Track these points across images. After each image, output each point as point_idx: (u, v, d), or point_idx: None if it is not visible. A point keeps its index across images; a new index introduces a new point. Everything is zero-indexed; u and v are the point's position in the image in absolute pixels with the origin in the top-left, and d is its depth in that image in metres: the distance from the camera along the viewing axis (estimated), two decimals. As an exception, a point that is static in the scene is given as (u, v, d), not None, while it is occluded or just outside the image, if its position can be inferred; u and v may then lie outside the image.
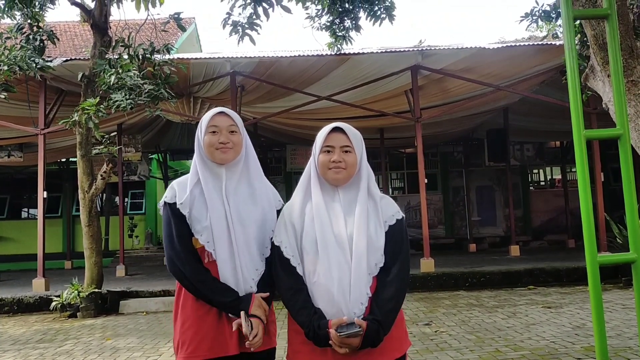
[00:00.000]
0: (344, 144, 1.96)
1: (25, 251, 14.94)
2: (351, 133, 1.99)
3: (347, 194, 1.96)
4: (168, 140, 15.26)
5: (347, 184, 1.97)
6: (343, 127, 1.99)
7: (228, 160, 2.05)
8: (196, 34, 21.07)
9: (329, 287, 1.85)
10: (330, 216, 1.92)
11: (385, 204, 2.00)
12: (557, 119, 11.94)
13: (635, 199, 1.67)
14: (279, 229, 2.00)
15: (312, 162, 2.01)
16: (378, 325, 1.81)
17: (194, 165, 2.09)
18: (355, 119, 11.87)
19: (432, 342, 5.36)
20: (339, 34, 7.34)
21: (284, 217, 2.01)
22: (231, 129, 2.05)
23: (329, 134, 1.98)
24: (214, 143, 2.02)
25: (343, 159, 1.94)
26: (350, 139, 1.97)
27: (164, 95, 7.20)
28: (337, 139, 1.97)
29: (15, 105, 9.59)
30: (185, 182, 2.08)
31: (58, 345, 6.02)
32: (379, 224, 1.93)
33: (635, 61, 3.06)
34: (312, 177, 2.00)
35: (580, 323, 5.93)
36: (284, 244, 1.95)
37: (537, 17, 6.46)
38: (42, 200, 9.10)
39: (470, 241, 15.22)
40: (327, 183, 1.97)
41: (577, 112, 1.65)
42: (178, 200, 2.02)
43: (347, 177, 1.95)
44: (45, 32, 7.88)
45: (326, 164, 1.94)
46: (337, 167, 1.93)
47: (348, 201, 1.95)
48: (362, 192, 1.95)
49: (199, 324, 1.96)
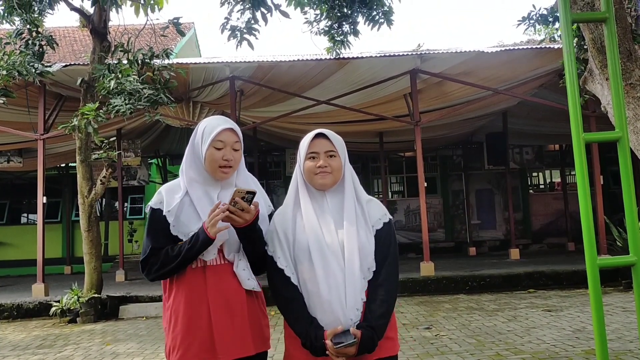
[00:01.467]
0: (328, 149, 1.98)
1: (24, 256, 14.91)
2: (334, 138, 2.01)
3: (334, 198, 1.99)
4: (167, 144, 15.26)
5: (334, 188, 1.99)
6: (326, 133, 2.01)
7: (227, 178, 2.05)
8: (195, 39, 21.12)
9: (325, 295, 1.86)
10: (320, 224, 1.93)
11: (372, 207, 2.01)
12: (556, 122, 11.97)
13: (634, 201, 1.67)
14: (271, 239, 2.01)
15: (298, 170, 2.03)
16: (372, 332, 1.83)
17: (183, 171, 2.07)
18: (354, 123, 11.90)
19: (432, 346, 5.34)
20: (337, 39, 7.35)
21: (274, 226, 2.01)
22: (235, 147, 2.04)
23: (312, 141, 2.00)
24: (218, 159, 2.00)
25: (328, 163, 1.96)
26: (334, 143, 1.99)
27: (164, 100, 7.21)
28: (321, 144, 1.99)
29: (15, 111, 9.59)
30: (174, 189, 2.06)
31: (58, 351, 6.00)
32: (368, 229, 1.95)
33: (634, 64, 3.07)
34: (299, 185, 2.02)
35: (580, 326, 5.92)
36: (277, 254, 1.96)
37: (534, 21, 6.47)
38: (41, 206, 9.09)
39: (470, 245, 15.20)
40: (315, 189, 1.99)
41: (576, 115, 1.65)
42: (165, 208, 2.01)
43: (333, 181, 1.97)
44: (45, 37, 7.88)
45: (312, 170, 1.96)
46: (323, 172, 1.95)
47: (336, 206, 1.97)
48: (349, 196, 1.98)
49: (188, 329, 1.95)
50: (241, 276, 2.02)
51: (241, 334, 1.97)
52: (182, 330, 1.96)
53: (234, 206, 1.89)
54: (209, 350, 1.94)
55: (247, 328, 1.99)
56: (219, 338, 1.94)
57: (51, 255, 13.52)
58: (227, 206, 1.89)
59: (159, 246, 1.99)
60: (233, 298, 1.98)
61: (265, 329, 2.08)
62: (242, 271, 2.02)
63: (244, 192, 1.90)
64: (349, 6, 6.81)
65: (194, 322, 1.95)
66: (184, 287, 1.99)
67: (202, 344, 1.94)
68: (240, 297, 2.00)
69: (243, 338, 1.97)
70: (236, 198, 1.89)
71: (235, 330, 1.96)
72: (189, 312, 1.96)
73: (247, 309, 2.01)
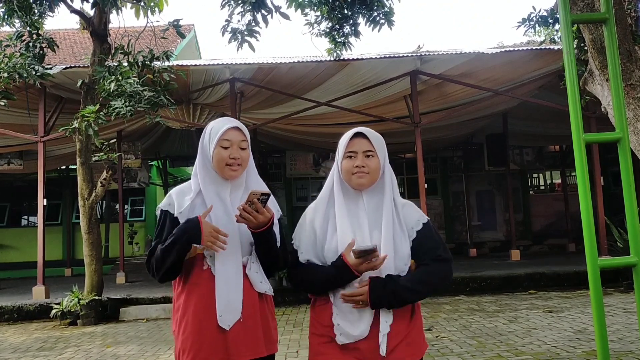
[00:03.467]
0: (366, 149, 1.96)
1: (25, 259, 14.91)
2: (373, 137, 1.99)
3: (371, 198, 1.97)
4: (168, 146, 15.26)
5: (371, 188, 1.98)
6: (365, 132, 1.99)
7: (236, 177, 2.04)
8: (195, 41, 21.14)
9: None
10: (353, 225, 1.92)
11: (408, 211, 2.01)
12: (556, 123, 11.96)
13: (635, 202, 1.67)
14: (298, 232, 2.02)
15: (336, 168, 2.02)
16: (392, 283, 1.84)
17: (195, 174, 2.07)
18: (354, 124, 11.87)
19: (433, 348, 5.34)
20: (338, 40, 7.35)
21: (305, 220, 2.02)
22: (242, 145, 2.04)
23: (351, 140, 1.98)
24: (225, 158, 2.00)
25: (366, 163, 1.94)
26: (373, 143, 1.97)
27: (164, 102, 7.21)
28: (360, 144, 1.97)
29: (15, 113, 9.60)
30: (185, 191, 2.06)
31: (58, 353, 6.00)
32: (403, 233, 1.94)
33: (634, 65, 3.07)
34: (335, 183, 2.00)
35: (581, 327, 5.91)
36: (301, 249, 1.98)
37: (534, 23, 6.48)
38: (42, 208, 9.09)
39: (470, 246, 15.18)
40: (351, 188, 1.98)
41: (576, 116, 1.65)
42: (177, 210, 2.01)
43: (370, 181, 1.96)
44: (45, 39, 7.90)
45: (350, 170, 1.95)
46: (360, 172, 1.94)
47: (373, 207, 1.96)
48: (387, 198, 1.96)
49: (198, 332, 1.95)
50: (253, 279, 2.02)
51: (253, 336, 1.97)
52: (193, 332, 1.95)
53: (249, 207, 1.90)
54: (221, 352, 1.93)
55: (259, 330, 1.99)
56: (231, 340, 1.94)
57: (51, 257, 13.52)
58: (244, 206, 1.90)
59: None
60: (245, 300, 1.98)
61: (273, 331, 2.08)
62: (254, 274, 2.02)
63: (259, 194, 1.91)
64: (349, 7, 6.81)
65: (205, 325, 1.95)
66: (193, 289, 1.99)
67: (213, 346, 1.93)
68: (252, 299, 2.00)
69: (255, 340, 1.97)
70: (253, 199, 1.90)
71: (248, 331, 1.96)
72: (199, 314, 1.96)
73: (259, 311, 2.01)
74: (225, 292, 1.95)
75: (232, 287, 1.96)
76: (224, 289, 1.95)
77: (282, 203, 15.86)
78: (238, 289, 1.97)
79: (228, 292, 1.95)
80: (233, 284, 1.97)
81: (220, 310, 1.94)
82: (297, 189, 16.55)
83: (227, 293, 1.95)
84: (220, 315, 1.94)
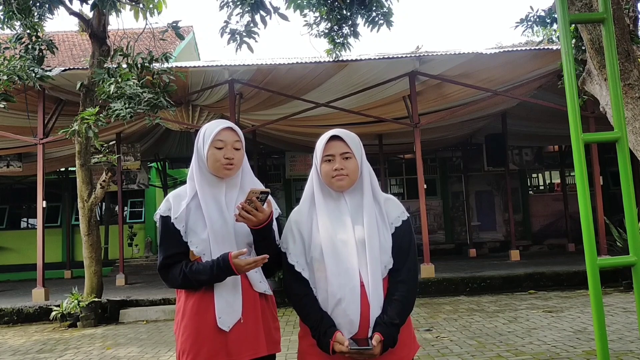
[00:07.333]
0: (343, 151, 1.97)
1: (24, 261, 14.90)
2: (349, 139, 2.00)
3: (353, 198, 1.99)
4: (167, 148, 15.27)
5: (352, 188, 1.99)
6: (340, 134, 2.00)
7: (231, 175, 2.06)
8: (194, 43, 21.15)
9: (337, 294, 1.88)
10: (335, 224, 1.94)
11: (390, 206, 2.02)
12: (555, 123, 11.97)
13: (634, 202, 1.67)
14: (285, 236, 2.03)
15: (314, 171, 2.03)
16: (394, 329, 1.85)
17: (190, 177, 2.08)
18: (353, 125, 11.88)
19: (433, 348, 5.34)
20: (337, 41, 7.36)
21: (290, 224, 2.03)
22: (236, 146, 2.05)
23: (327, 143, 2.00)
24: (219, 158, 2.01)
25: (344, 165, 1.96)
26: (349, 144, 1.99)
27: (163, 104, 7.21)
28: (336, 146, 1.98)
29: (14, 115, 9.60)
30: (181, 195, 2.07)
31: (58, 356, 5.99)
32: (386, 228, 1.96)
33: (632, 64, 3.08)
34: (315, 187, 2.02)
35: (581, 327, 5.91)
36: (289, 250, 1.99)
37: (532, 23, 6.49)
38: (41, 210, 9.08)
39: (470, 246, 15.19)
40: (333, 190, 1.99)
41: (575, 116, 1.65)
42: (173, 215, 2.02)
43: (350, 183, 1.98)
44: (44, 41, 7.90)
45: (329, 173, 1.96)
46: (339, 174, 1.95)
47: (355, 206, 1.97)
48: (367, 196, 1.98)
49: (197, 333, 1.96)
50: (252, 279, 2.03)
51: (254, 335, 1.98)
52: (192, 334, 1.96)
53: (249, 205, 1.92)
54: (222, 353, 1.94)
55: (260, 329, 2.00)
56: (232, 341, 1.95)
57: (51, 259, 13.52)
58: (243, 205, 1.91)
59: (172, 254, 2.01)
60: (245, 300, 1.99)
61: (275, 331, 2.09)
62: (253, 274, 2.04)
63: (258, 192, 1.93)
64: (348, 8, 6.82)
65: (204, 326, 1.96)
66: (193, 291, 2.00)
67: (213, 347, 1.94)
68: (252, 299, 2.01)
69: (256, 339, 1.98)
70: (252, 198, 1.92)
71: (248, 332, 1.97)
72: (198, 315, 1.97)
73: (260, 311, 2.02)
74: (224, 293, 1.97)
75: (230, 287, 1.98)
76: (222, 290, 1.97)
77: (281, 204, 15.87)
78: (237, 290, 1.99)
79: (226, 293, 1.97)
80: (231, 285, 1.98)
81: (219, 311, 1.95)
82: (297, 189, 16.55)
83: (225, 294, 1.97)
84: (220, 317, 1.95)
